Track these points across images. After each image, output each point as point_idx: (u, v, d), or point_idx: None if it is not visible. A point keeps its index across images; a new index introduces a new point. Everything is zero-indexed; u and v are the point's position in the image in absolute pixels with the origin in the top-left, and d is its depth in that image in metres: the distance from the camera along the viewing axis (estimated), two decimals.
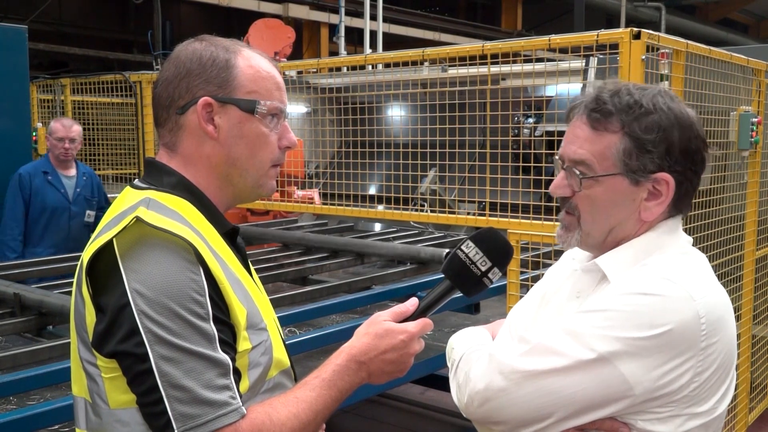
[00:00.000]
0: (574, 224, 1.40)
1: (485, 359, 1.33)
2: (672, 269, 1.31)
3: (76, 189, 4.96)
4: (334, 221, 5.64)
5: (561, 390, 1.25)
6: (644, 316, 1.23)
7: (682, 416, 1.26)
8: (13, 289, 3.22)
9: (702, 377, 1.26)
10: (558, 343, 1.26)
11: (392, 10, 14.89)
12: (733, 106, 3.60)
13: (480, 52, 3.36)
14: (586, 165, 1.35)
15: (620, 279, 1.33)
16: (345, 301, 3.43)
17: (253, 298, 1.32)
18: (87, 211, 5.03)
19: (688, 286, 1.27)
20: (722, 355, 1.29)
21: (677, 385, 1.24)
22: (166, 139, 1.37)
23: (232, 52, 1.34)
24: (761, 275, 4.24)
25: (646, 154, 1.32)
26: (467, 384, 1.34)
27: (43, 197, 4.82)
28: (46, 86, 6.25)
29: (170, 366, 1.14)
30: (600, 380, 1.24)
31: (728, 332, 1.31)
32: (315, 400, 1.26)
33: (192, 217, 1.28)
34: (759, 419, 4.27)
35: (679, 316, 1.23)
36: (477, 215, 3.70)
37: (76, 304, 1.28)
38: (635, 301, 1.25)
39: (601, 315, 1.26)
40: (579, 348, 1.24)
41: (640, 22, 16.64)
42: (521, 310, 1.55)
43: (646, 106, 1.33)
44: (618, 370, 1.23)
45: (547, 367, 1.26)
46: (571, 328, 1.27)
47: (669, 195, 1.35)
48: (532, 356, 1.27)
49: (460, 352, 1.42)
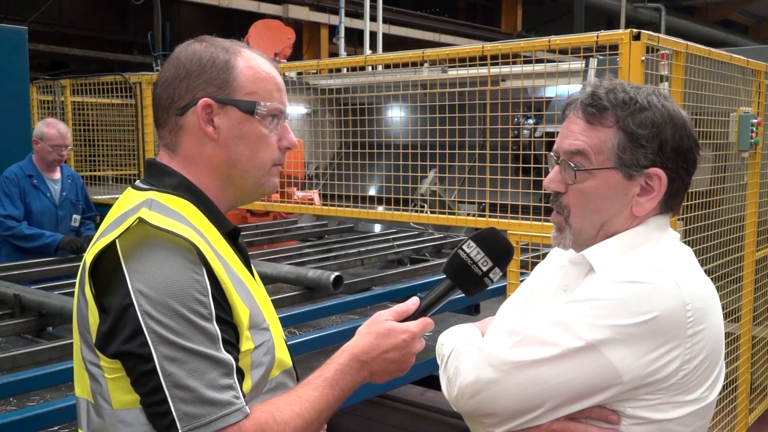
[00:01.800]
0: (562, 224, 1.42)
1: (475, 352, 1.34)
2: (658, 259, 1.32)
3: (62, 193, 4.80)
4: (334, 222, 5.64)
5: (551, 379, 1.26)
6: (630, 303, 1.25)
7: (671, 404, 1.28)
8: (13, 290, 3.22)
9: (690, 365, 1.27)
10: (546, 333, 1.28)
11: (392, 11, 14.90)
12: (732, 107, 3.61)
13: (480, 53, 3.36)
14: (583, 155, 1.37)
15: (606, 269, 1.35)
16: (345, 302, 3.43)
17: (255, 298, 1.32)
18: (73, 215, 4.87)
19: (674, 275, 1.28)
20: (710, 344, 1.30)
21: (665, 373, 1.25)
22: (166, 140, 1.37)
23: (232, 53, 1.34)
24: (761, 276, 4.24)
25: (639, 149, 1.34)
26: (457, 377, 1.35)
27: (29, 202, 4.64)
28: (46, 87, 6.25)
29: (174, 366, 1.15)
30: (589, 368, 1.25)
31: (714, 321, 1.32)
32: (318, 399, 1.26)
33: (194, 218, 1.28)
34: (759, 420, 4.27)
35: (665, 303, 1.25)
36: (477, 216, 3.70)
37: (79, 304, 1.28)
38: (621, 289, 1.27)
39: (588, 304, 1.27)
40: (567, 337, 1.25)
41: (640, 23, 16.65)
42: (510, 306, 1.58)
43: (641, 103, 1.35)
44: (606, 358, 1.24)
45: (537, 357, 1.27)
46: (559, 318, 1.28)
47: (661, 191, 1.36)
48: (521, 347, 1.28)
49: (450, 347, 1.43)
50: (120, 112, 6.31)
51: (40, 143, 4.67)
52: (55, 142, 4.67)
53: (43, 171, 4.75)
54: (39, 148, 4.69)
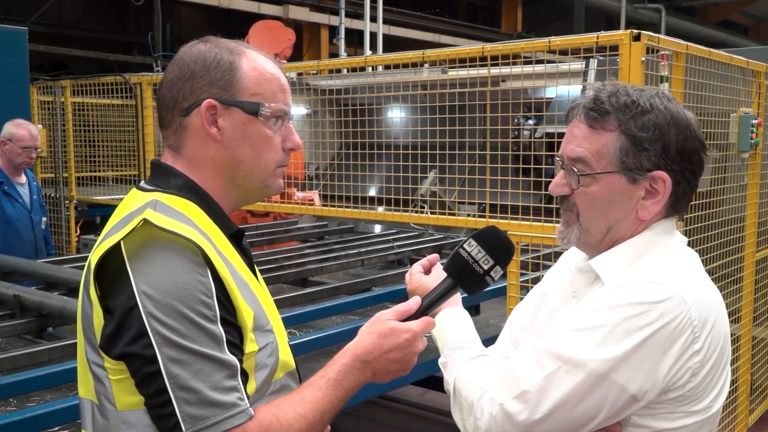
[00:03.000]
0: (573, 220, 1.42)
1: (494, 408, 1.31)
2: (661, 271, 1.32)
3: (32, 196, 4.66)
4: (334, 223, 5.65)
5: (574, 419, 1.27)
6: (634, 325, 1.25)
7: (678, 413, 1.28)
8: (13, 290, 3.22)
9: (698, 377, 1.27)
10: (560, 374, 1.27)
11: (392, 12, 14.89)
12: (733, 107, 3.61)
13: (480, 54, 3.36)
14: (584, 162, 1.37)
15: (612, 281, 1.35)
16: (345, 303, 3.43)
17: (259, 300, 1.32)
18: (42, 218, 4.75)
19: (677, 287, 1.28)
20: (716, 354, 1.30)
21: (674, 384, 1.26)
22: (170, 141, 1.37)
23: (236, 54, 1.34)
24: (761, 277, 4.24)
25: (642, 152, 1.34)
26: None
27: (4, 209, 4.45)
28: (47, 88, 6.25)
29: (178, 368, 1.15)
30: (604, 398, 1.25)
31: (720, 331, 1.32)
32: (321, 399, 1.26)
33: (198, 219, 1.28)
34: (759, 421, 4.27)
35: (668, 318, 1.25)
36: (477, 217, 3.70)
37: (83, 306, 1.28)
38: (625, 313, 1.26)
39: (595, 334, 1.27)
40: (579, 374, 1.25)
41: (640, 24, 16.65)
42: (522, 310, 1.59)
43: (643, 106, 1.35)
44: (620, 385, 1.25)
45: (555, 405, 1.26)
46: (568, 353, 1.27)
47: (666, 193, 1.36)
48: (538, 400, 1.27)
49: (455, 378, 1.41)
50: (120, 112, 6.31)
51: (8, 144, 4.48)
52: (26, 143, 4.48)
53: (11, 175, 4.56)
54: (8, 149, 4.49)
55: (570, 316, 1.36)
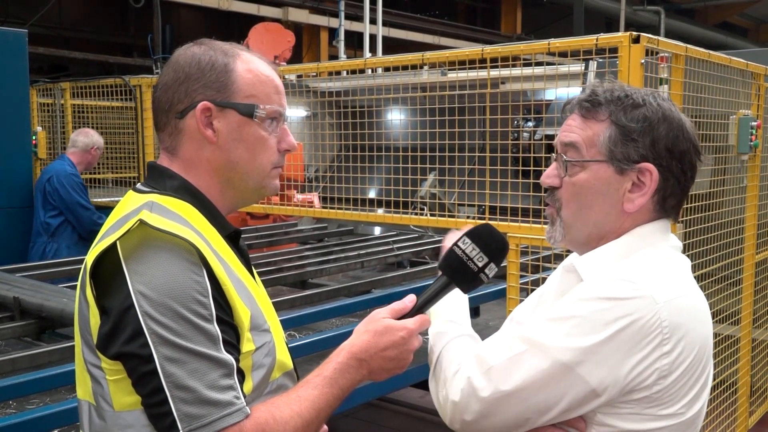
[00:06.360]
0: (554, 216, 1.43)
1: (463, 381, 1.34)
2: (638, 270, 1.32)
3: None
4: (334, 225, 5.65)
5: (534, 403, 1.29)
6: (600, 319, 1.25)
7: (643, 416, 1.28)
8: (13, 293, 3.22)
9: (666, 381, 1.26)
10: (525, 357, 1.29)
11: (392, 14, 14.89)
12: (732, 109, 3.61)
13: (479, 56, 3.36)
14: (575, 148, 1.39)
15: (590, 279, 1.35)
16: (345, 305, 3.43)
17: (256, 299, 1.32)
18: None
19: (651, 287, 1.27)
20: (690, 359, 1.28)
21: (641, 385, 1.25)
22: (166, 143, 1.37)
23: (230, 56, 1.35)
24: (761, 279, 4.24)
25: (630, 143, 1.35)
26: (447, 401, 1.37)
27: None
28: (46, 90, 6.26)
29: (175, 367, 1.15)
30: (567, 389, 1.26)
31: (696, 336, 1.30)
32: (317, 398, 1.26)
33: (194, 220, 1.28)
34: (759, 422, 4.27)
35: (635, 315, 1.24)
36: (477, 219, 3.70)
37: (80, 306, 1.28)
38: (592, 306, 1.27)
39: (564, 324, 1.28)
40: (544, 361, 1.27)
41: (640, 26, 16.64)
42: (521, 310, 1.61)
43: (636, 100, 1.37)
44: (582, 378, 1.25)
45: (518, 385, 1.28)
46: (536, 338, 1.29)
47: (652, 187, 1.36)
48: (505, 374, 1.30)
49: (440, 352, 1.45)
50: (120, 114, 6.31)
51: (96, 150, 5.44)
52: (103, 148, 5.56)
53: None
54: (95, 154, 5.45)
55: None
